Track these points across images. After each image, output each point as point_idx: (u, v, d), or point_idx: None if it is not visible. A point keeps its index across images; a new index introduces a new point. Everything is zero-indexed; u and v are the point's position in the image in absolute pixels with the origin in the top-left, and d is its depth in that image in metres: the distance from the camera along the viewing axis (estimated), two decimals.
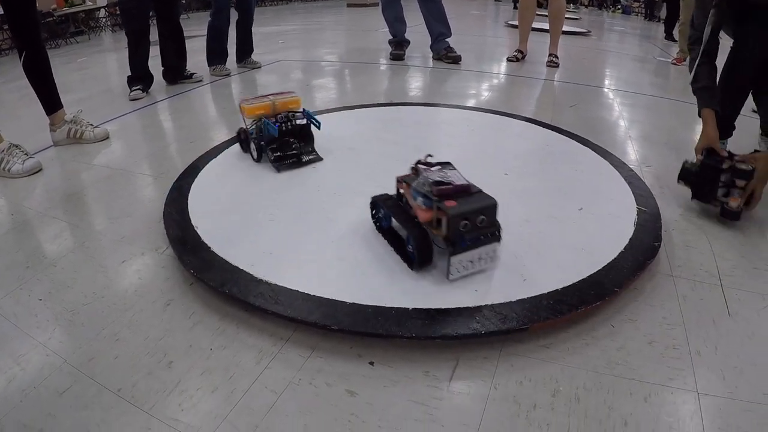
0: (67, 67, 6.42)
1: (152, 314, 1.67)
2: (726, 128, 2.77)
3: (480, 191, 1.75)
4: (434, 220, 1.69)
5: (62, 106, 3.27)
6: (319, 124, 2.67)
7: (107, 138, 3.33)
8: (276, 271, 1.75)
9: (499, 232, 1.74)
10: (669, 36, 8.59)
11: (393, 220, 1.94)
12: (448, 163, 1.91)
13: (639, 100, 4.42)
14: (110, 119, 3.74)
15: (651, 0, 15.71)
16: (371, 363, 1.45)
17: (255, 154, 2.69)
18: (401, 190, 1.91)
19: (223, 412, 1.30)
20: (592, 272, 1.75)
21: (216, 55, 5.26)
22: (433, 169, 1.85)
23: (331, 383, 1.39)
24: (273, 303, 1.59)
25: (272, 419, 1.29)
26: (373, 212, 2.04)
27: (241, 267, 1.77)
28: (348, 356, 1.48)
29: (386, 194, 2.00)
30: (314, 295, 1.61)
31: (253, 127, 2.68)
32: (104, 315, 1.67)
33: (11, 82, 5.60)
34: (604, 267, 1.78)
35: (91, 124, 3.30)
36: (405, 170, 1.91)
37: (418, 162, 1.90)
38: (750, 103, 2.83)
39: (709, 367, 1.45)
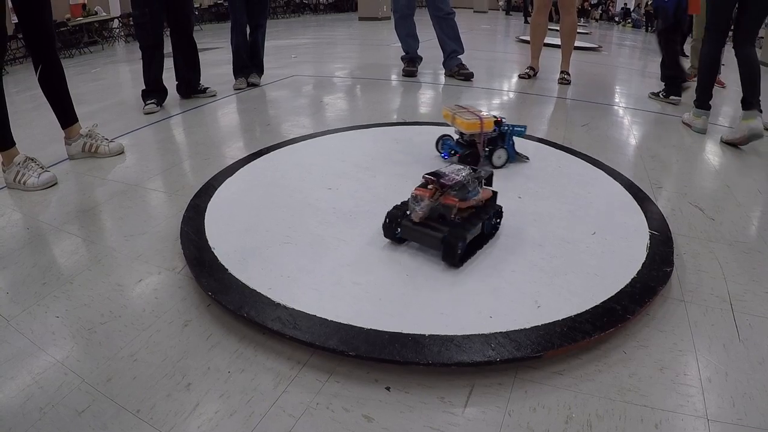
0: (81, 77, 6.47)
1: (170, 335, 1.68)
2: None
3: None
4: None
5: (77, 120, 3.29)
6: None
7: (122, 153, 3.36)
8: (293, 295, 1.76)
9: None
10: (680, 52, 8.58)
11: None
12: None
13: (650, 118, 4.45)
14: (124, 133, 3.78)
15: (650, 13, 15.78)
16: (388, 388, 1.46)
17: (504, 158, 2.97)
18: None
19: None
20: (605, 299, 1.76)
21: (234, 69, 5.33)
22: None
23: (348, 408, 1.40)
24: (291, 327, 1.59)
25: None
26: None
27: (258, 290, 1.78)
28: (365, 381, 1.49)
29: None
30: (331, 320, 1.62)
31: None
32: (122, 334, 1.68)
33: (25, 91, 5.64)
34: (616, 293, 1.79)
35: (106, 139, 3.33)
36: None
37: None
38: None
39: (720, 394, 1.46)
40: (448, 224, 1.99)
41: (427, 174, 2.06)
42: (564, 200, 2.52)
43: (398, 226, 2.06)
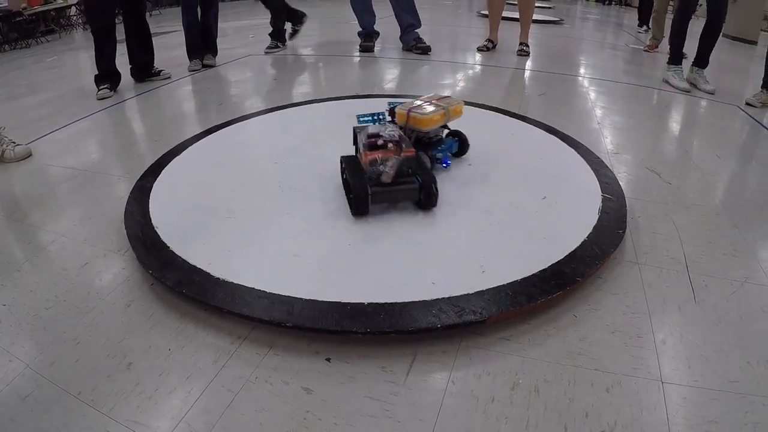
0: (37, 66, 6.34)
1: (113, 316, 1.66)
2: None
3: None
4: None
5: None
6: None
7: (30, 156, 3.12)
8: (233, 270, 1.74)
9: None
10: (643, 24, 8.61)
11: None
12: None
13: (609, 87, 4.44)
14: (78, 119, 3.70)
15: None
16: (328, 359, 1.45)
17: None
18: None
19: (180, 413, 1.30)
20: (554, 262, 1.75)
21: (188, 50, 5.23)
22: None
23: (287, 381, 1.39)
24: (230, 302, 1.58)
25: (228, 418, 1.29)
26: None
27: (199, 266, 1.76)
28: (305, 353, 1.48)
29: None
30: (270, 293, 1.60)
31: None
32: (66, 318, 1.67)
33: None
34: (566, 256, 1.78)
35: (13, 142, 3.10)
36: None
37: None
38: None
39: (674, 356, 1.46)
40: (414, 174, 2.07)
41: (369, 137, 2.09)
42: (514, 167, 2.50)
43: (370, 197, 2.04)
